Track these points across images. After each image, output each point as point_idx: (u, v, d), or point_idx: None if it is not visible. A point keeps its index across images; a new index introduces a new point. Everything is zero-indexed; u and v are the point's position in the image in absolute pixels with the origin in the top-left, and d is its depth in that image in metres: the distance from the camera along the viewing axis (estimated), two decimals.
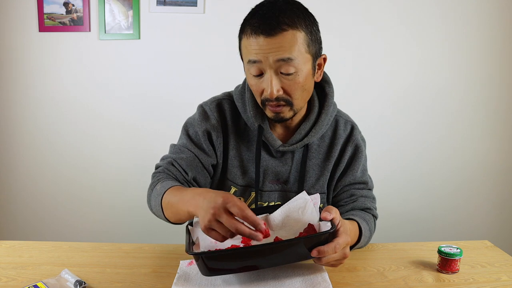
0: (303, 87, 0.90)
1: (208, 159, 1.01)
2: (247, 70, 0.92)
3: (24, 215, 2.26)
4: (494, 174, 2.25)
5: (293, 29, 0.85)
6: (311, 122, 1.00)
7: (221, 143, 1.02)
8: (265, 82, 0.88)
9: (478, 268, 0.92)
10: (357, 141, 1.05)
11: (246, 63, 0.90)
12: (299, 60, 0.86)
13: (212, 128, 1.01)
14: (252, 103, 0.99)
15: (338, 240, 0.76)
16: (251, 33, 0.86)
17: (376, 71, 2.14)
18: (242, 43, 0.91)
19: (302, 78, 0.88)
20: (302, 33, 0.86)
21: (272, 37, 0.84)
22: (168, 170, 0.98)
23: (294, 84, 0.88)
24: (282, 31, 0.84)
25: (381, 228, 1.29)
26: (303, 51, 0.87)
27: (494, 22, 2.11)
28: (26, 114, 2.17)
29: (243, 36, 0.89)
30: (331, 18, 2.06)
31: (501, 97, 2.18)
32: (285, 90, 0.89)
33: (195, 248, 0.80)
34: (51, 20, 2.07)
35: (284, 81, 0.88)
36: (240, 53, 0.94)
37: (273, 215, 0.93)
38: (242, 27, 0.90)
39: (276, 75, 0.87)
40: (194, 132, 1.02)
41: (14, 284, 0.81)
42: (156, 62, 2.12)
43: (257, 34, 0.85)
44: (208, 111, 1.02)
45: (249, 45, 0.87)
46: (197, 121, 1.02)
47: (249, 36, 0.86)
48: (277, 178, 1.03)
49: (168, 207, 0.87)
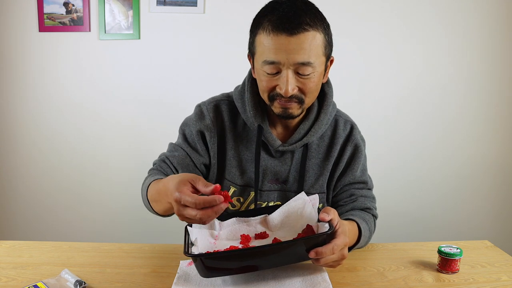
0: (316, 87, 0.91)
1: (200, 158, 1.03)
2: (260, 67, 0.89)
3: (24, 215, 2.26)
4: (494, 174, 2.25)
5: (314, 30, 0.84)
6: (310, 121, 1.00)
7: (215, 143, 1.02)
8: (281, 80, 0.87)
9: (478, 268, 0.92)
10: (357, 141, 1.05)
11: (260, 60, 0.88)
12: (317, 62, 0.87)
13: (205, 128, 1.02)
14: (252, 103, 0.99)
15: (336, 241, 0.76)
16: (272, 29, 0.84)
17: (376, 71, 2.14)
18: (257, 39, 0.88)
19: (317, 78, 0.89)
20: (321, 35, 0.86)
21: (294, 36, 0.83)
22: (160, 167, 1.02)
23: (310, 83, 0.88)
24: (304, 31, 0.83)
25: (381, 228, 1.29)
26: (320, 54, 0.87)
27: (494, 22, 2.10)
28: (26, 114, 2.17)
29: (260, 31, 0.87)
30: (331, 18, 2.06)
31: (501, 97, 2.18)
32: (300, 89, 0.89)
33: (194, 250, 0.81)
34: (51, 20, 2.07)
35: (300, 80, 0.88)
36: (251, 47, 0.92)
37: (272, 216, 0.93)
38: (258, 22, 0.88)
39: (293, 74, 0.86)
40: (189, 132, 1.04)
41: (14, 284, 0.81)
42: (156, 62, 2.12)
43: (279, 31, 0.83)
44: (204, 111, 1.03)
45: (268, 42, 0.85)
46: (192, 121, 1.04)
47: (269, 33, 0.85)
48: (276, 178, 1.03)
49: (153, 201, 0.90)
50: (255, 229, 0.92)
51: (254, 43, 0.91)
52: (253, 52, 0.92)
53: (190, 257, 0.74)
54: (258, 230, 0.92)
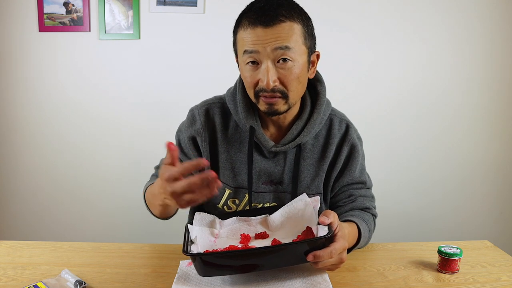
0: (299, 79, 0.90)
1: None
2: (242, 62, 0.91)
3: (24, 215, 2.26)
4: (494, 174, 2.25)
5: (291, 20, 0.86)
6: (303, 121, 0.99)
7: (206, 147, 1.02)
8: (262, 73, 0.87)
9: (478, 268, 0.92)
10: (353, 140, 1.04)
11: (241, 55, 0.90)
12: (296, 50, 0.87)
13: (196, 133, 1.02)
14: (243, 104, 0.99)
15: (335, 245, 0.76)
16: (248, 24, 0.86)
17: (377, 71, 2.14)
18: (237, 36, 0.91)
19: (298, 69, 0.88)
20: (299, 25, 0.87)
21: (270, 27, 0.84)
22: (157, 173, 1.06)
23: (291, 74, 0.88)
24: (280, 22, 0.85)
25: (381, 228, 1.29)
26: (300, 42, 0.88)
27: (494, 23, 2.11)
28: (26, 114, 2.17)
29: (239, 29, 0.90)
30: (331, 16, 2.06)
31: (501, 97, 2.18)
32: (281, 81, 0.88)
33: (193, 248, 0.81)
34: (51, 20, 2.07)
35: (280, 71, 0.87)
36: (235, 48, 0.94)
37: (272, 216, 0.93)
38: (238, 21, 0.91)
39: (273, 65, 0.87)
40: (182, 138, 1.05)
41: (14, 284, 0.81)
42: (156, 62, 2.12)
43: (255, 25, 0.85)
44: (196, 115, 1.03)
45: (246, 36, 0.87)
46: (184, 127, 1.05)
47: (246, 28, 0.87)
48: (270, 179, 1.02)
49: (149, 205, 0.97)
50: (255, 229, 0.93)
51: (235, 42, 0.93)
52: (236, 51, 0.94)
53: (188, 256, 0.74)
54: (258, 230, 0.92)
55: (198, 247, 0.82)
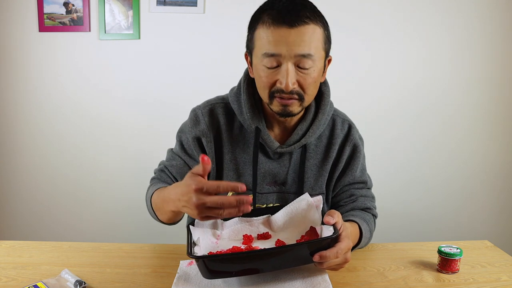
0: (316, 83, 0.90)
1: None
2: (259, 62, 0.88)
3: (24, 215, 2.25)
4: (494, 174, 2.25)
5: (314, 23, 0.85)
6: (308, 122, 0.99)
7: (212, 148, 1.01)
8: (281, 74, 0.86)
9: (478, 268, 0.92)
10: (355, 141, 1.04)
11: (259, 55, 0.87)
12: (317, 56, 0.86)
13: (201, 134, 1.01)
14: (248, 105, 0.98)
15: (340, 245, 0.76)
16: (272, 22, 0.84)
17: (377, 71, 2.14)
18: (256, 33, 0.88)
19: (316, 73, 0.88)
20: (321, 29, 0.86)
21: (294, 28, 0.83)
22: (160, 176, 1.05)
23: (309, 78, 0.87)
24: (304, 24, 0.83)
25: (381, 228, 1.29)
26: (320, 48, 0.87)
27: (494, 23, 2.10)
28: (25, 114, 2.17)
29: (259, 25, 0.87)
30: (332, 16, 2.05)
31: (501, 97, 2.18)
32: (299, 84, 0.88)
33: (196, 249, 0.80)
34: (51, 20, 2.07)
35: (300, 74, 0.87)
36: (250, 45, 0.91)
37: (275, 217, 0.93)
38: (257, 17, 0.88)
39: (293, 68, 0.85)
40: (185, 139, 1.04)
41: (14, 284, 0.81)
42: (156, 62, 2.12)
43: (279, 24, 0.83)
44: (199, 116, 1.02)
45: (267, 35, 0.85)
46: (188, 127, 1.03)
47: (269, 26, 0.84)
48: (275, 180, 1.02)
49: (157, 209, 0.93)
50: (257, 229, 0.92)
51: (252, 39, 0.90)
52: (251, 48, 0.91)
53: (193, 258, 0.73)
54: (261, 231, 0.91)
55: (201, 249, 0.81)
